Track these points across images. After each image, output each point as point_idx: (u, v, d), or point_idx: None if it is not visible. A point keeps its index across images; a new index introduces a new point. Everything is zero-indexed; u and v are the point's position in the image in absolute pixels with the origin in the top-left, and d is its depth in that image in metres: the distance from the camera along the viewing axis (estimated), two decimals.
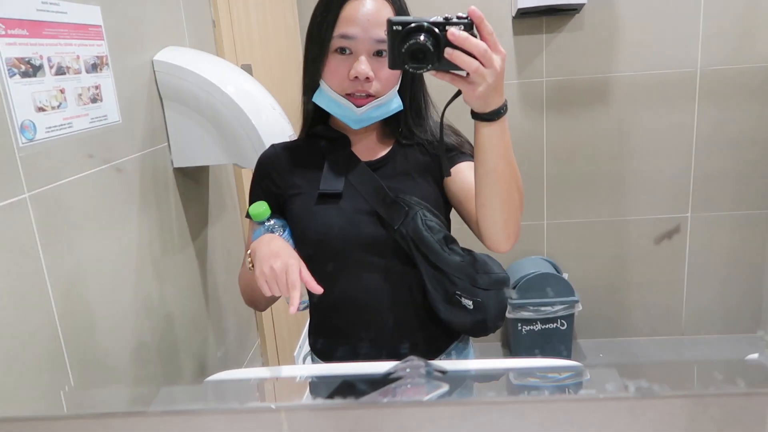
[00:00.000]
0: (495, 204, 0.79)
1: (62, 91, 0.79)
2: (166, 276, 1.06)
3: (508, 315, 2.19)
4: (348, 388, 0.56)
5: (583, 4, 2.03)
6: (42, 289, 0.73)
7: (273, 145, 0.98)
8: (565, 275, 2.26)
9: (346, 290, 0.89)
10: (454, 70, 0.71)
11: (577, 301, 2.15)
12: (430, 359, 0.90)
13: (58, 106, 0.78)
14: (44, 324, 0.73)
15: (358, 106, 0.85)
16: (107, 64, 0.90)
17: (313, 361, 0.98)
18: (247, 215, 0.90)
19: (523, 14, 2.09)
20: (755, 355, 0.64)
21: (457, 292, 0.85)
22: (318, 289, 0.77)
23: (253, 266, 0.80)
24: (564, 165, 2.27)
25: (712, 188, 2.23)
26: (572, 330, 2.22)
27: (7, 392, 0.66)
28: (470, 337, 0.99)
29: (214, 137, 1.11)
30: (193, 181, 1.20)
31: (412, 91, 0.91)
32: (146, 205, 1.00)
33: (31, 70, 0.73)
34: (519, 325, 2.21)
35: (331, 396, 0.53)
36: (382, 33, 0.82)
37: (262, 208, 0.85)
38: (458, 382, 0.63)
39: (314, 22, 0.88)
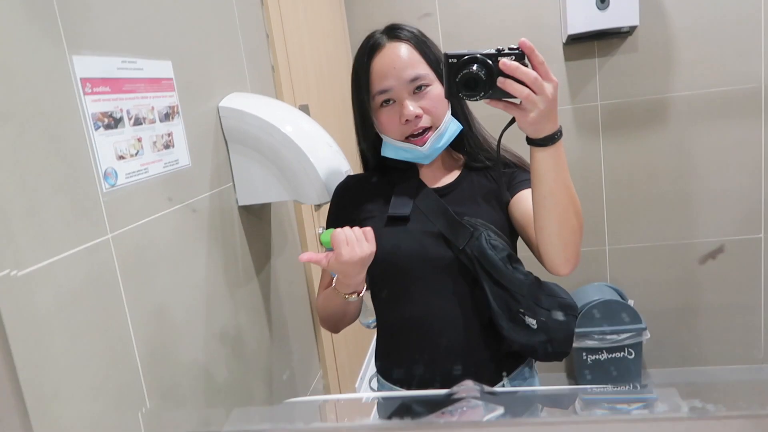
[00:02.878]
0: (553, 228, 0.81)
1: (139, 140, 0.86)
2: (234, 308, 1.12)
3: (576, 344, 2.13)
4: (407, 410, 0.58)
5: (636, 27, 2.01)
6: (123, 323, 0.79)
7: (349, 176, 1.08)
8: (631, 302, 2.19)
9: (412, 310, 0.93)
10: (507, 98, 0.76)
11: (644, 329, 2.07)
12: (494, 382, 0.92)
13: (136, 154, 0.85)
14: (125, 354, 0.79)
15: (421, 145, 0.92)
16: (178, 112, 0.98)
17: (378, 381, 1.01)
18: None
19: (574, 40, 2.09)
20: None
21: (520, 310, 0.87)
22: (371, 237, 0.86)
23: (347, 294, 0.90)
24: (624, 188, 2.22)
25: None
26: (641, 359, 2.14)
27: (93, 419, 0.72)
28: (536, 364, 0.99)
29: (275, 175, 1.16)
30: (256, 218, 1.27)
31: (463, 113, 0.97)
32: (214, 241, 1.06)
33: (112, 122, 0.80)
34: (584, 354, 2.15)
35: (390, 417, 0.55)
36: (414, 72, 0.90)
37: (330, 236, 0.91)
38: (516, 406, 0.63)
39: (353, 87, 0.97)
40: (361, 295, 0.92)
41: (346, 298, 0.91)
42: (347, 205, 1.01)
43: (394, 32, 0.93)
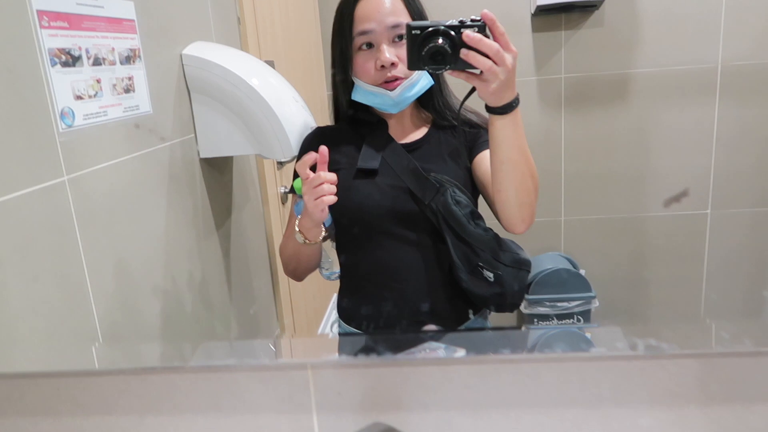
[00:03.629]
0: (510, 190, 0.85)
1: (98, 81, 0.83)
2: (192, 260, 1.11)
3: (524, 310, 2.20)
4: (371, 350, 0.59)
5: (603, 1, 2.03)
6: (79, 268, 0.77)
7: (318, 127, 1.08)
8: (582, 271, 2.27)
9: (377, 259, 0.97)
10: (469, 69, 0.78)
11: (594, 297, 2.15)
12: (450, 328, 0.95)
13: (95, 95, 0.82)
14: (81, 300, 0.77)
15: (391, 90, 0.93)
16: (140, 56, 0.94)
17: (340, 326, 1.04)
18: (291, 189, 0.99)
19: (542, 11, 2.10)
20: None
21: (479, 263, 0.92)
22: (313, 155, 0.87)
23: (305, 238, 0.93)
24: (582, 162, 2.27)
25: (733, 185, 2.22)
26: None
27: (47, 362, 0.71)
28: (488, 315, 1.03)
29: (239, 128, 1.14)
30: (218, 172, 1.24)
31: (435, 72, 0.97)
32: (175, 192, 1.04)
33: (71, 60, 0.77)
34: (535, 320, 2.22)
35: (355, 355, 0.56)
36: (396, 19, 0.91)
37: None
38: (478, 345, 0.65)
39: (334, 29, 0.97)
40: (317, 242, 0.96)
41: (301, 241, 0.95)
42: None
43: None
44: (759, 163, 2.16)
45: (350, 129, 1.02)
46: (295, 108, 1.19)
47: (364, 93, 0.96)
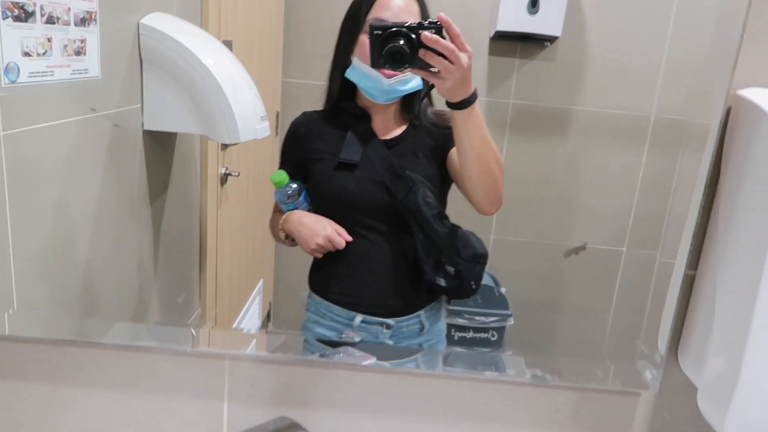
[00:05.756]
0: (476, 177, 0.97)
1: (49, 40, 0.81)
2: (121, 234, 1.09)
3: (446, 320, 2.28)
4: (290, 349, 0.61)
5: (557, 37, 2.13)
6: (2, 225, 0.75)
7: (304, 113, 1.15)
8: (503, 289, 2.37)
9: (350, 244, 1.06)
10: (427, 68, 0.84)
11: (510, 315, 2.25)
12: (409, 313, 1.11)
13: (44, 54, 0.80)
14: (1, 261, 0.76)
15: (386, 77, 0.99)
16: (95, 20, 0.93)
17: (309, 296, 1.15)
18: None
19: (500, 36, 2.18)
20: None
21: (442, 258, 1.05)
22: (348, 239, 1.02)
23: (285, 236, 1.08)
24: (517, 186, 2.36)
25: (650, 229, 2.37)
26: (502, 341, 2.32)
27: None
28: (444, 303, 1.22)
29: (187, 106, 1.14)
30: (160, 146, 1.23)
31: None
32: (113, 162, 1.03)
33: (23, 15, 0.75)
34: (452, 330, 2.30)
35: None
36: (410, 18, 0.99)
37: (281, 177, 1.07)
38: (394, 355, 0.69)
39: (350, 10, 1.04)
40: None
41: (283, 239, 1.08)
42: (301, 142, 1.09)
43: None
44: (669, 211, 2.32)
45: (334, 117, 1.08)
46: (248, 95, 1.20)
47: (360, 73, 1.01)
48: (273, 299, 2.35)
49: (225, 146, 1.67)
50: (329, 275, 1.12)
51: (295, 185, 1.08)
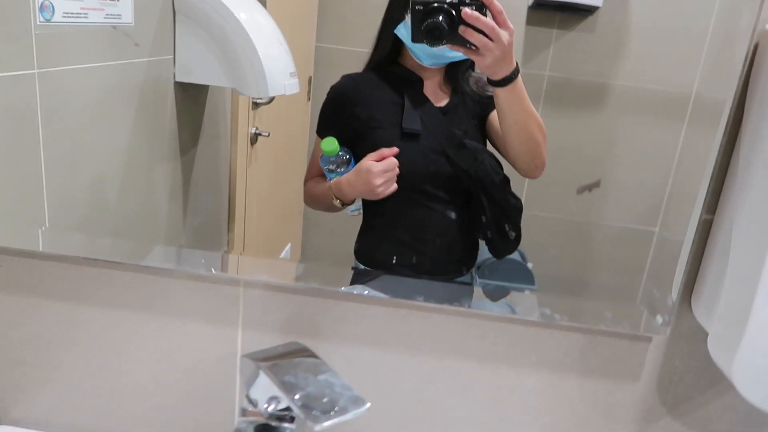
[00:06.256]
0: (521, 147, 0.99)
1: None
2: (151, 182, 1.12)
3: None
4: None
5: (598, 7, 2.07)
6: (36, 162, 0.78)
7: (348, 76, 1.09)
8: (530, 264, 2.35)
9: (407, 213, 1.05)
10: (466, 45, 0.85)
11: (535, 290, 2.24)
12: (455, 275, 1.09)
13: None
14: (33, 188, 0.79)
15: None
16: None
17: (355, 268, 1.10)
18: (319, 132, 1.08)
19: (539, 5, 2.13)
20: None
21: (507, 224, 1.10)
22: (395, 151, 0.98)
23: (339, 201, 1.03)
24: (550, 160, 2.33)
25: (682, 209, 2.31)
26: None
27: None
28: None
29: (218, 59, 1.15)
30: (191, 99, 1.25)
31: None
32: (143, 110, 1.05)
33: None
34: None
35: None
36: None
37: (334, 144, 1.02)
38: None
39: None
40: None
41: (339, 206, 1.04)
42: (352, 108, 1.06)
43: None
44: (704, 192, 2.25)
45: (380, 81, 1.05)
46: (278, 51, 1.20)
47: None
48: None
49: (256, 105, 1.69)
50: (387, 245, 1.10)
51: (343, 152, 1.05)
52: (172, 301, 0.58)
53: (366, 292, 0.62)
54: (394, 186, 0.99)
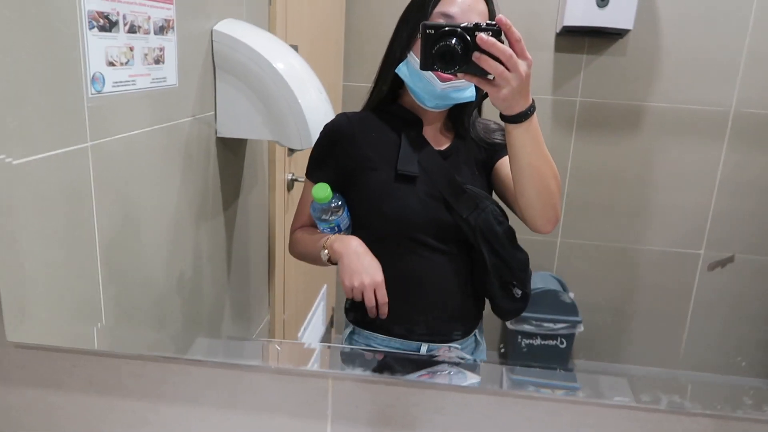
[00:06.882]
0: (533, 195, 0.85)
1: (131, 49, 0.82)
2: (197, 239, 1.09)
3: (509, 326, 2.22)
4: (384, 366, 0.58)
5: (629, 30, 2.04)
6: (90, 235, 0.76)
7: (344, 114, 1.01)
8: (572, 294, 2.28)
9: (407, 265, 0.95)
10: (481, 74, 0.75)
11: (580, 322, 2.17)
12: (469, 334, 1.00)
13: (126, 63, 0.81)
14: (89, 268, 0.76)
15: (441, 81, 0.88)
16: (173, 28, 0.93)
17: (354, 333, 1.02)
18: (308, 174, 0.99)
19: (568, 32, 2.10)
20: None
21: (513, 281, 0.94)
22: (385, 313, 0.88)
23: (329, 259, 0.91)
24: (585, 186, 2.28)
25: (729, 229, 2.24)
26: (571, 349, 2.24)
27: (52, 329, 0.70)
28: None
29: (260, 112, 1.13)
30: (231, 153, 1.23)
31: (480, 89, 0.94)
32: (189, 168, 1.03)
33: (107, 24, 0.76)
34: (519, 337, 2.23)
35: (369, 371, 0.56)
36: (476, 18, 0.86)
37: (326, 191, 0.91)
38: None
39: (413, 2, 0.92)
40: None
41: (326, 261, 0.92)
42: (345, 148, 0.96)
43: None
44: (756, 211, 2.18)
45: (379, 121, 0.97)
46: (318, 99, 1.18)
47: (413, 72, 0.89)
48: (335, 305, 2.34)
49: (291, 152, 1.67)
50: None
51: (336, 199, 0.94)
52: (258, 397, 0.54)
53: (453, 376, 0.58)
54: (351, 296, 0.87)
